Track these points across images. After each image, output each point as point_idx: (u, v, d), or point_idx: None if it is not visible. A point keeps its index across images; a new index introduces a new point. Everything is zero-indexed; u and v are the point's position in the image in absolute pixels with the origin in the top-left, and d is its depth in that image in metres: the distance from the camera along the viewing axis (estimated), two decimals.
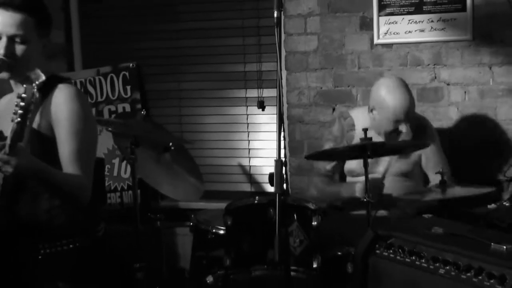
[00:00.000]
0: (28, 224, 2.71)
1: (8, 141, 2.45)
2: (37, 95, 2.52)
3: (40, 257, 2.72)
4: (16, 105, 2.46)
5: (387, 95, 3.84)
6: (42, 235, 2.72)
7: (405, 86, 3.88)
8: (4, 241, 2.65)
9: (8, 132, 2.67)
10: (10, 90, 2.90)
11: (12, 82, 2.81)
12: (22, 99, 2.46)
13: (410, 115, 3.86)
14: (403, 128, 3.85)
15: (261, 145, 5.02)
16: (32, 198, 2.71)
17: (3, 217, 2.64)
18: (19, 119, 2.46)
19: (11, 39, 2.66)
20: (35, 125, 2.70)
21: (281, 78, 2.53)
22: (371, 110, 3.94)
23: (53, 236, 2.73)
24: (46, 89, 2.72)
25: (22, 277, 2.71)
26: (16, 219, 2.70)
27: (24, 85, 2.49)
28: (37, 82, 2.51)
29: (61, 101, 2.71)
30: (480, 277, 2.38)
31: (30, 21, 2.68)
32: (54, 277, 2.73)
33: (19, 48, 2.68)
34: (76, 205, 2.73)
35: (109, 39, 5.25)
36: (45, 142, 2.69)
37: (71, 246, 2.75)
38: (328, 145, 4.06)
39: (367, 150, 3.45)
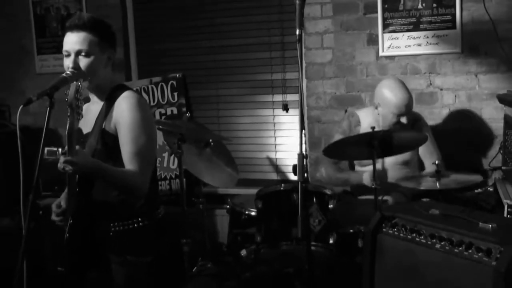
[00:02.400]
0: (102, 206, 2.71)
1: (66, 147, 2.50)
2: (81, 91, 2.52)
3: (111, 234, 2.72)
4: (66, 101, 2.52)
5: (389, 93, 3.85)
6: (113, 215, 2.72)
7: (404, 85, 3.90)
8: (82, 221, 2.66)
9: (85, 131, 2.75)
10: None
11: (89, 92, 2.80)
12: (67, 95, 2.51)
13: (409, 109, 3.87)
14: (404, 120, 3.86)
15: (285, 141, 4.99)
16: (104, 185, 2.70)
17: (80, 201, 2.65)
18: (68, 113, 2.51)
19: (77, 54, 2.67)
20: (105, 126, 2.69)
21: (302, 85, 2.52)
22: (376, 107, 3.93)
23: (122, 217, 2.73)
24: (113, 96, 2.74)
25: (97, 251, 2.71)
26: (91, 202, 2.71)
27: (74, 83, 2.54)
28: (81, 81, 2.53)
29: (124, 108, 2.68)
30: (470, 251, 2.37)
31: (92, 38, 2.67)
32: (123, 251, 2.72)
33: (84, 61, 2.66)
34: (131, 197, 2.72)
35: (160, 54, 5.26)
36: (113, 140, 2.68)
37: (136, 225, 2.74)
38: (337, 137, 3.99)
39: (374, 143, 3.43)
